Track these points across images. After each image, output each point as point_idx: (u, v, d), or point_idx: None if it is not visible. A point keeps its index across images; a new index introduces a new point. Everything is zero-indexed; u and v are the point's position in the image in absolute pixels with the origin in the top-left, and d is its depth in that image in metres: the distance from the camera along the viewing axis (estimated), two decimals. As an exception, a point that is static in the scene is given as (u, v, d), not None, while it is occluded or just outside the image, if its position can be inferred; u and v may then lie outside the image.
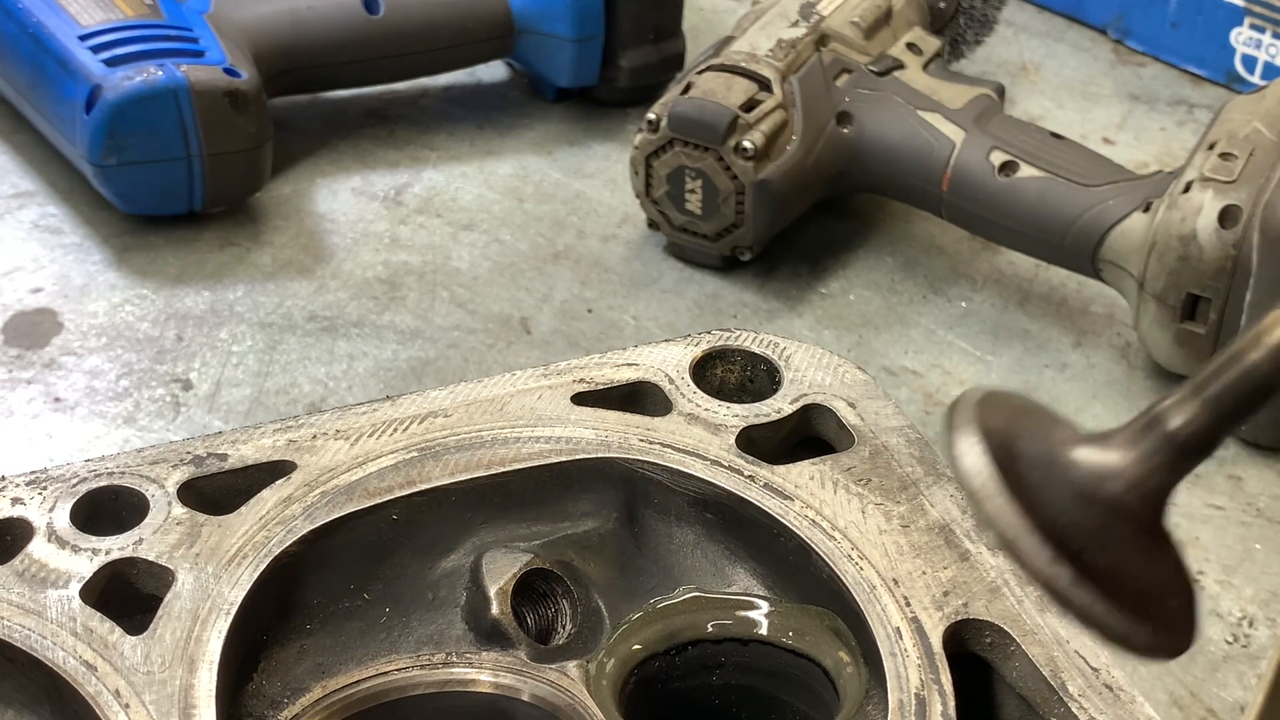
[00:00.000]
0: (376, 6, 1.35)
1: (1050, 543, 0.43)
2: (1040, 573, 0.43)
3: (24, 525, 0.72)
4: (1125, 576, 0.44)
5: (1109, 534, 0.44)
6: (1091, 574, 0.43)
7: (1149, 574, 0.45)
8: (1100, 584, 0.43)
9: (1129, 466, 0.45)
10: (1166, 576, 0.46)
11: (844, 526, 0.76)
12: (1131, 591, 0.44)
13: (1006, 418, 0.46)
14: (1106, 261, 1.17)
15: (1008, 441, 0.45)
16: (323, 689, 0.74)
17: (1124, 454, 0.45)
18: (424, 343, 1.17)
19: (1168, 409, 0.45)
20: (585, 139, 1.42)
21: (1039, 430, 0.47)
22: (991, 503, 0.44)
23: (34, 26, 1.23)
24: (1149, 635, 0.44)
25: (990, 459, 0.44)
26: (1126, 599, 0.44)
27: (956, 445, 0.45)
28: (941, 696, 0.68)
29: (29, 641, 0.67)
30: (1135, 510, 0.45)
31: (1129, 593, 0.44)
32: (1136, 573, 0.45)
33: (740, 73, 1.22)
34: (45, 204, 1.27)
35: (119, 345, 1.14)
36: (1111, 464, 0.45)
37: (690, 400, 0.82)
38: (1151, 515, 0.46)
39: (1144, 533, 0.45)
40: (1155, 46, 1.58)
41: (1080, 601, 0.43)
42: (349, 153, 1.38)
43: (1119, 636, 0.44)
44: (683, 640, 0.77)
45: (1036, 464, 0.45)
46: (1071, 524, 0.44)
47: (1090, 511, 0.44)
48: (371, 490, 0.76)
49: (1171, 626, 0.46)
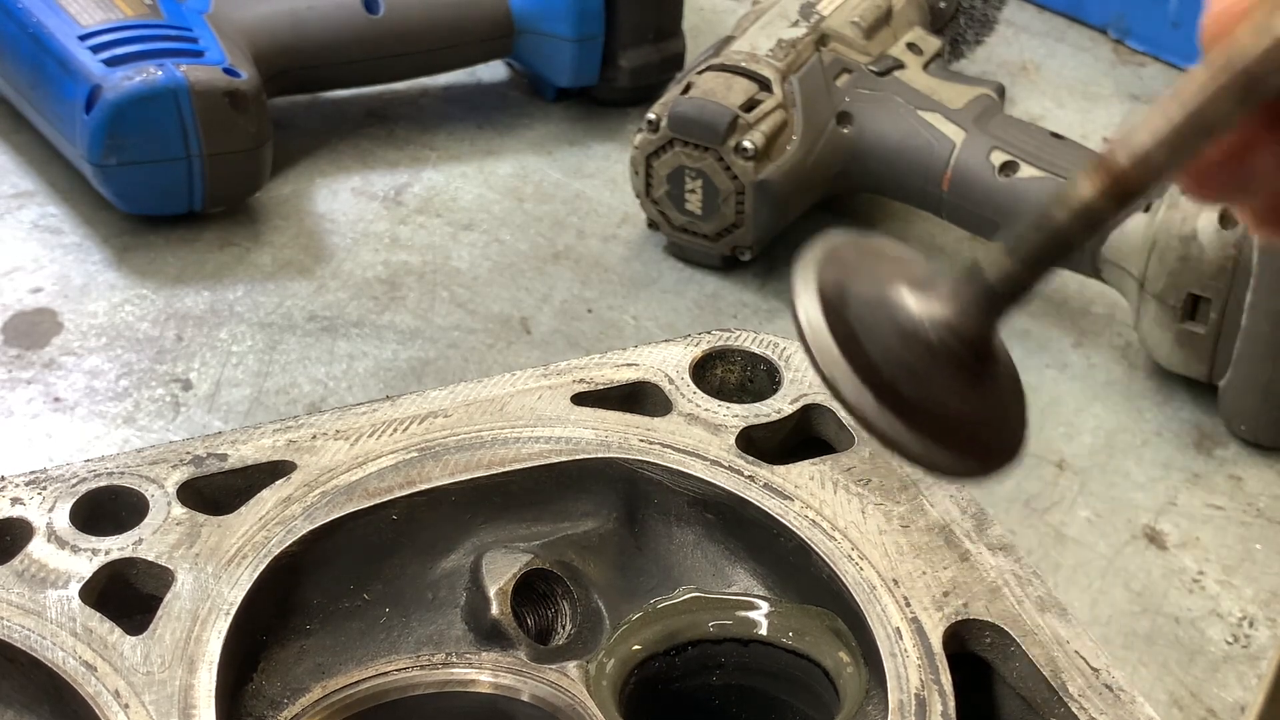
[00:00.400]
0: (376, 6, 1.35)
1: (872, 382, 0.48)
2: (857, 409, 0.48)
3: (24, 525, 0.72)
4: (943, 409, 0.50)
5: (930, 372, 0.49)
6: (910, 407, 0.49)
7: (967, 406, 0.50)
8: (916, 415, 0.49)
9: (950, 313, 0.50)
10: (985, 408, 0.51)
11: (844, 527, 0.76)
12: (948, 422, 0.50)
13: (847, 263, 0.51)
14: (1107, 261, 1.17)
15: (844, 289, 0.50)
16: (322, 689, 0.74)
17: (945, 302, 0.50)
18: (424, 343, 1.17)
19: (984, 262, 0.49)
20: (585, 139, 1.42)
21: (876, 274, 0.51)
22: (820, 351, 0.49)
23: (34, 26, 1.23)
24: (951, 459, 0.50)
25: (822, 310, 0.49)
26: (942, 428, 0.49)
27: (794, 296, 0.50)
28: (941, 697, 0.68)
29: (29, 641, 0.67)
30: (955, 350, 0.50)
31: (945, 423, 0.50)
32: (955, 405, 0.50)
33: (740, 73, 1.22)
34: (45, 204, 1.27)
35: (119, 345, 1.14)
36: (934, 311, 0.50)
37: (690, 400, 0.82)
38: (972, 355, 0.50)
39: (964, 370, 0.50)
40: (1155, 46, 1.58)
41: (891, 431, 0.49)
42: (349, 153, 1.38)
43: (924, 462, 0.50)
44: (683, 640, 0.77)
45: (868, 309, 0.50)
46: (896, 363, 0.49)
47: (914, 352, 0.49)
48: (371, 490, 0.75)
49: (986, 452, 0.51)
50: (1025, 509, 1.09)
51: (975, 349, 0.50)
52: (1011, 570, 0.74)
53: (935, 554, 0.75)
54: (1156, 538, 1.08)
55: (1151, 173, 0.45)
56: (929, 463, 0.50)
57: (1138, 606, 1.02)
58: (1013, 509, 1.09)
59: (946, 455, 0.50)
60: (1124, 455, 1.14)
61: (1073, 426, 1.16)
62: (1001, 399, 0.52)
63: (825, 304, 0.49)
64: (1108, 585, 1.04)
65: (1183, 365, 1.16)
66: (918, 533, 0.76)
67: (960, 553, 0.75)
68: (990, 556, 0.75)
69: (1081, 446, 1.15)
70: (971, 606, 0.72)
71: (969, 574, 0.74)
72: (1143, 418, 1.17)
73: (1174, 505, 1.10)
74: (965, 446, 0.51)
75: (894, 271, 0.52)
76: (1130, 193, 0.46)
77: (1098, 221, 0.47)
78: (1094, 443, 1.15)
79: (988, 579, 0.74)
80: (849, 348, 0.48)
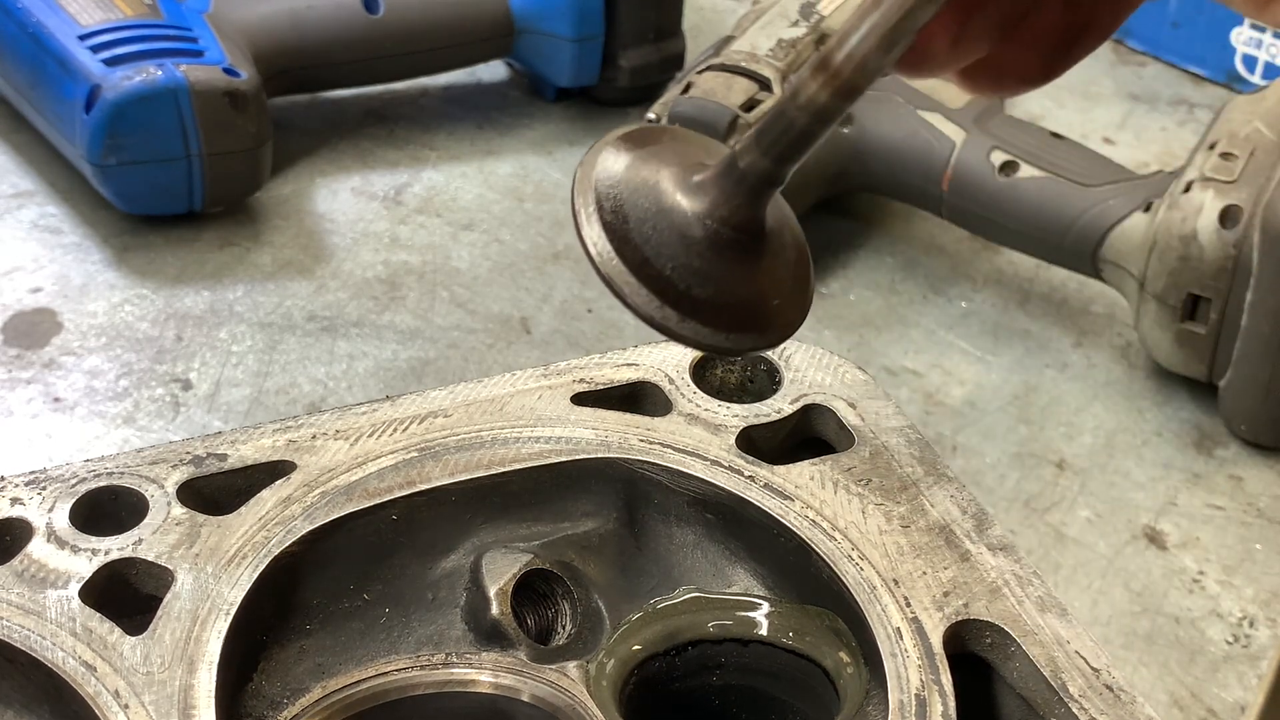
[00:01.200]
0: (376, 6, 1.35)
1: (658, 289, 0.53)
2: (651, 318, 0.53)
3: (23, 525, 0.72)
4: (729, 295, 0.54)
5: (709, 264, 0.54)
6: (698, 302, 0.53)
7: (750, 288, 0.55)
8: (706, 308, 0.54)
9: (715, 206, 0.54)
10: (767, 285, 0.56)
11: (844, 527, 0.76)
12: (736, 306, 0.55)
13: (624, 170, 0.55)
14: (1107, 261, 1.17)
15: (623, 200, 0.54)
16: (322, 689, 0.74)
17: (710, 197, 0.54)
18: (424, 343, 1.17)
19: (737, 154, 0.53)
20: (585, 139, 1.42)
21: (652, 178, 0.55)
22: (605, 265, 0.53)
23: (34, 26, 1.23)
24: (750, 339, 0.55)
25: (602, 228, 0.54)
26: (731, 313, 0.54)
27: (576, 218, 0.54)
28: (942, 697, 0.68)
29: (28, 642, 0.67)
30: (729, 238, 0.54)
31: (734, 307, 0.54)
32: (741, 289, 0.55)
33: (740, 72, 1.22)
34: (45, 204, 1.27)
35: (118, 345, 1.14)
36: (702, 207, 0.54)
37: (690, 400, 0.82)
38: (746, 239, 0.54)
39: (742, 254, 0.54)
40: (1156, 46, 1.58)
41: (685, 333, 0.54)
42: (349, 153, 1.38)
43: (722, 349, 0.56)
44: (683, 641, 0.77)
45: (646, 217, 0.54)
46: (678, 264, 0.53)
47: (692, 249, 0.54)
48: (371, 490, 0.75)
49: (775, 323, 0.56)
50: (1025, 509, 1.09)
51: (750, 233, 0.54)
52: (1012, 570, 0.74)
53: (935, 554, 0.75)
54: (1157, 538, 1.08)
55: (871, 73, 0.50)
56: (731, 348, 0.55)
57: (1138, 606, 1.02)
58: (1013, 509, 1.09)
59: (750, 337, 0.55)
60: (1124, 455, 1.14)
61: (1073, 426, 1.16)
62: (786, 266, 0.57)
63: (609, 230, 0.54)
64: (1108, 585, 1.04)
65: (1183, 365, 1.16)
66: (918, 533, 0.76)
67: (960, 553, 0.75)
68: (990, 557, 0.75)
69: (1081, 446, 1.15)
70: (972, 607, 0.72)
71: (969, 574, 0.74)
72: (1143, 418, 1.17)
73: (1174, 505, 1.10)
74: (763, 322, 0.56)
75: (665, 173, 0.55)
76: (855, 90, 0.50)
77: (830, 118, 0.51)
78: (1094, 443, 1.15)
79: (988, 579, 0.74)
80: (642, 270, 0.53)
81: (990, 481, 1.11)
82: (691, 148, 0.57)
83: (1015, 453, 1.13)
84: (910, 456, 0.80)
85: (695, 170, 0.55)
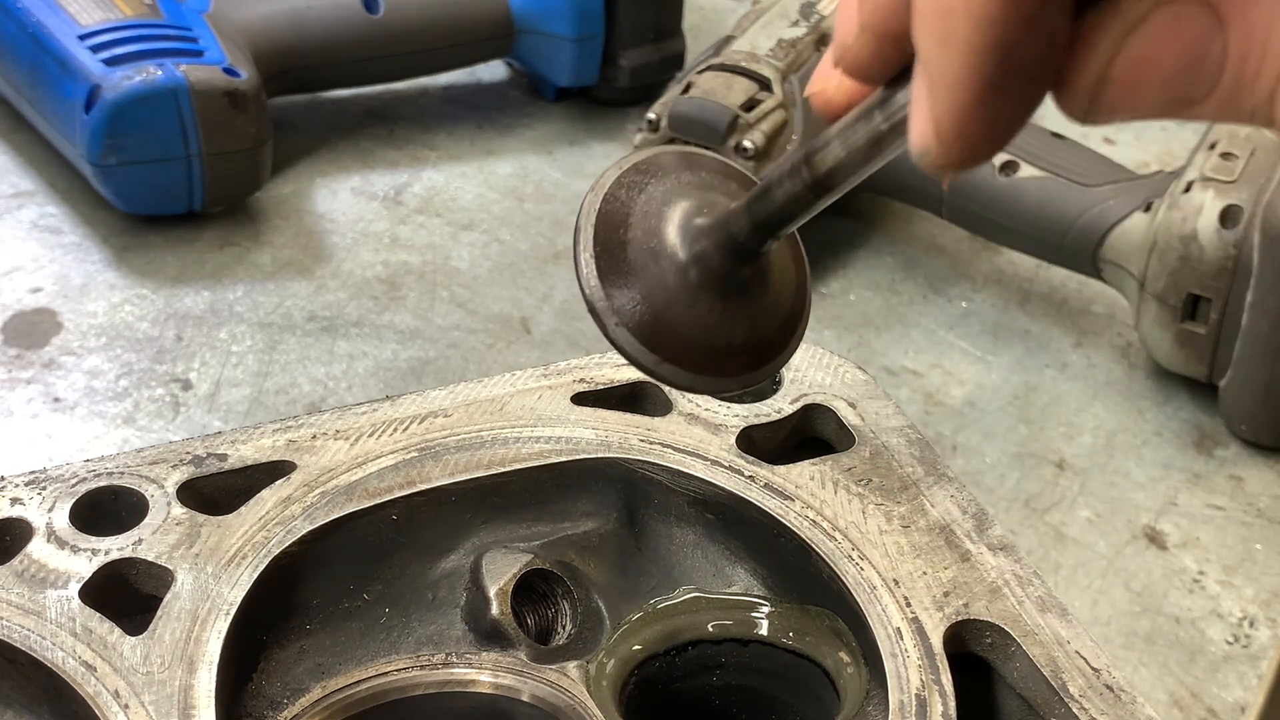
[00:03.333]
0: (376, 6, 1.35)
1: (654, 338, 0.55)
2: (634, 360, 0.55)
3: (23, 525, 0.72)
4: (709, 340, 0.56)
5: (695, 311, 0.55)
6: (678, 346, 0.55)
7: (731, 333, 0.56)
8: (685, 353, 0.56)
9: (707, 257, 0.55)
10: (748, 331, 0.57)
11: (844, 527, 0.76)
12: (715, 351, 0.56)
13: (630, 207, 0.57)
14: (1107, 261, 1.17)
15: (625, 239, 0.56)
16: (322, 689, 0.74)
17: (701, 248, 0.55)
18: (424, 343, 1.17)
19: (731, 215, 0.55)
20: (585, 139, 1.42)
21: (655, 220, 0.56)
22: (593, 297, 0.55)
23: (34, 26, 1.23)
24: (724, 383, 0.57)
25: (597, 272, 0.55)
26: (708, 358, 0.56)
27: (575, 246, 0.56)
28: (942, 697, 0.68)
29: (28, 642, 0.67)
30: (717, 288, 0.55)
31: (714, 352, 0.56)
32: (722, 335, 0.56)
33: (740, 72, 1.22)
34: (45, 204, 1.27)
35: (118, 345, 1.14)
36: (694, 255, 0.55)
37: (690, 400, 0.82)
38: (734, 290, 0.56)
39: (727, 302, 0.56)
40: (1155, 46, 1.58)
41: (664, 374, 0.55)
42: (349, 152, 1.38)
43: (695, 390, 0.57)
44: (683, 641, 0.77)
45: (640, 259, 0.56)
46: (663, 308, 0.55)
47: (679, 295, 0.55)
48: (371, 490, 0.75)
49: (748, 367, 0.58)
50: (1025, 509, 1.09)
51: (736, 283, 0.56)
52: (1012, 570, 0.74)
53: (936, 554, 0.75)
54: (1157, 538, 1.08)
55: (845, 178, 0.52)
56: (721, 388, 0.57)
57: (1138, 606, 1.02)
58: (1013, 509, 1.08)
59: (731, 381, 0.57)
60: (1124, 455, 1.14)
61: (1073, 426, 1.16)
62: (775, 315, 0.58)
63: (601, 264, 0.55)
64: (1108, 585, 1.04)
65: (1183, 365, 1.16)
66: (918, 533, 0.76)
67: (961, 553, 0.75)
68: (991, 557, 0.75)
69: (1081, 446, 1.15)
70: (972, 607, 0.72)
71: (969, 574, 0.74)
72: (1143, 418, 1.17)
73: (1174, 505, 1.10)
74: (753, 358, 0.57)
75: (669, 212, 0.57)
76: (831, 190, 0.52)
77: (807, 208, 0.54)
78: (1094, 443, 1.15)
79: (988, 579, 0.74)
80: (627, 310, 0.55)
81: (990, 481, 1.11)
82: (702, 176, 0.58)
83: (1015, 453, 1.13)
84: (910, 456, 0.80)
85: (700, 212, 0.56)
